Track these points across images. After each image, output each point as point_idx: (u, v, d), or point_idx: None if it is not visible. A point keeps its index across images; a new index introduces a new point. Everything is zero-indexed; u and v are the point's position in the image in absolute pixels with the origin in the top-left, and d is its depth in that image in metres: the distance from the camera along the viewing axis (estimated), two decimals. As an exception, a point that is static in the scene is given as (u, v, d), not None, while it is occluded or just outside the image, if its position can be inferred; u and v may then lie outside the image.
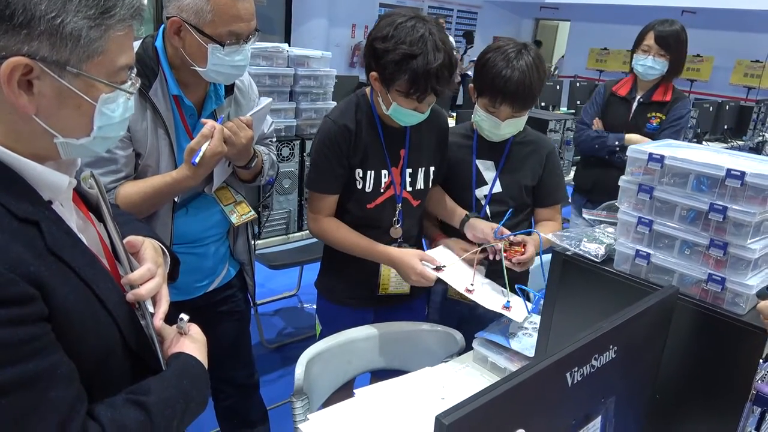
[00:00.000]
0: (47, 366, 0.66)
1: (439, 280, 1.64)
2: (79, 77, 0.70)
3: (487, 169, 1.69)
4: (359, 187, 1.54)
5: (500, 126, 1.57)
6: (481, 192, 1.69)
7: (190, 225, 1.50)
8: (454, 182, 1.71)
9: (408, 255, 1.52)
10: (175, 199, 1.43)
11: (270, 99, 1.52)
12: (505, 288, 1.52)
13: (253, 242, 1.74)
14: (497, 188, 1.69)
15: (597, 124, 2.71)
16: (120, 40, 0.72)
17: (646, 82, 2.65)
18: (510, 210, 1.61)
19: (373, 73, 1.42)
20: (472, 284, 1.52)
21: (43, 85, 0.68)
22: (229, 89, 1.50)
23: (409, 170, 1.58)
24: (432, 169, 1.63)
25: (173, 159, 1.39)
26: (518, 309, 1.49)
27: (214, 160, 1.32)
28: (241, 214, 1.54)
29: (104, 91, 0.73)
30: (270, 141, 1.71)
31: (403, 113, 1.45)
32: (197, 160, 1.28)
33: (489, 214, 1.68)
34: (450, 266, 1.54)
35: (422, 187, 1.63)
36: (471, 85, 1.64)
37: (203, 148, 1.29)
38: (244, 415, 1.84)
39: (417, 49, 1.33)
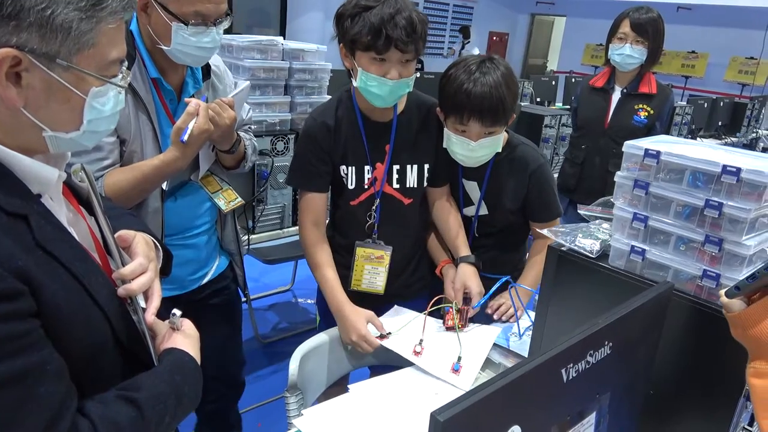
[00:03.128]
0: (36, 362, 0.65)
1: (434, 277, 1.62)
2: (69, 70, 0.69)
3: (472, 190, 1.64)
4: (345, 183, 1.53)
5: (473, 148, 1.46)
6: (469, 211, 1.65)
7: (180, 214, 1.49)
8: None
9: (358, 314, 1.43)
10: (164, 188, 1.43)
11: (247, 82, 1.53)
12: (460, 346, 1.39)
13: (240, 232, 1.73)
14: (483, 210, 1.64)
15: None
16: (111, 33, 0.71)
17: (625, 74, 2.59)
18: (504, 278, 1.53)
19: (341, 46, 1.40)
20: (420, 346, 1.38)
21: (32, 78, 0.67)
22: (206, 74, 1.50)
23: (396, 166, 1.54)
24: (426, 167, 1.57)
25: (157, 144, 1.39)
26: (467, 374, 1.32)
27: (202, 138, 1.32)
28: (228, 200, 1.54)
29: (94, 84, 0.72)
30: (248, 128, 1.70)
31: (372, 84, 1.36)
32: (185, 137, 1.28)
33: (477, 235, 1.66)
34: (397, 332, 1.43)
35: (414, 186, 1.57)
36: (438, 108, 1.54)
37: (190, 125, 1.29)
38: (224, 417, 1.84)
39: (373, 2, 1.32)
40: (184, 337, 0.88)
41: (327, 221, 1.62)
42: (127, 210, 1.19)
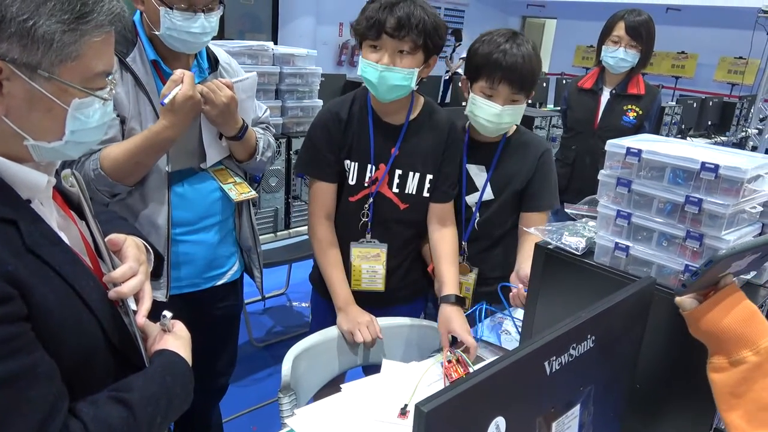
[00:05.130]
0: (27, 365, 0.66)
1: (430, 285, 1.63)
2: (51, 81, 0.69)
3: (477, 174, 1.63)
4: (347, 177, 1.55)
5: (499, 113, 1.48)
6: (471, 199, 1.63)
7: (187, 200, 1.51)
8: None
9: (362, 312, 1.50)
10: (167, 169, 1.45)
11: (254, 73, 1.56)
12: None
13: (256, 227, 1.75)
14: (488, 195, 1.62)
15: None
16: (97, 46, 0.72)
17: (614, 75, 2.62)
18: (478, 306, 1.50)
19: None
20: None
21: (14, 87, 0.68)
22: (214, 66, 1.54)
23: (398, 171, 1.55)
24: (428, 177, 1.56)
25: None
26: None
27: (187, 105, 1.35)
28: (240, 192, 1.56)
29: (78, 96, 0.72)
30: (267, 126, 1.73)
31: (366, 70, 1.41)
32: (166, 101, 1.32)
33: (476, 226, 1.63)
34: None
35: (413, 192, 1.56)
36: (463, 76, 1.58)
37: (173, 91, 1.32)
38: (206, 417, 1.85)
39: None
40: (175, 339, 0.89)
41: None
42: (118, 214, 1.21)
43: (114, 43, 0.77)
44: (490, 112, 1.49)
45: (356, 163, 1.54)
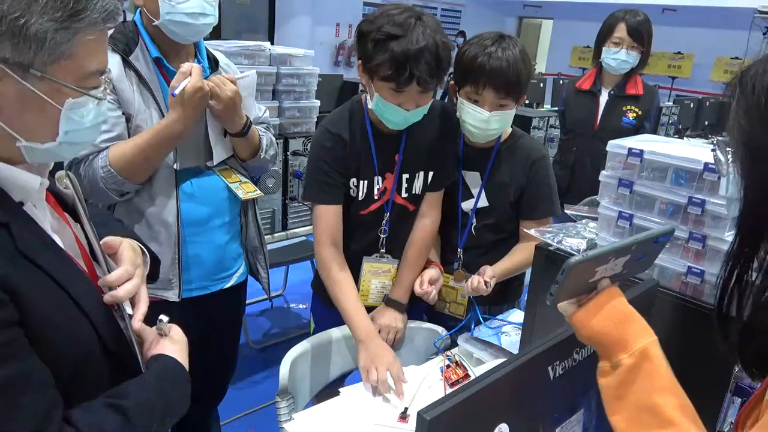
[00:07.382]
0: (19, 372, 0.64)
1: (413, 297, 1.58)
2: (44, 80, 0.68)
3: (473, 181, 1.60)
4: (353, 195, 1.50)
5: (486, 119, 1.43)
6: (467, 205, 1.60)
7: (195, 201, 1.51)
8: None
9: (385, 348, 1.39)
10: (176, 167, 1.45)
11: (253, 71, 1.57)
12: None
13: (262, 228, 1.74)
14: (483, 202, 1.58)
15: None
16: (90, 44, 0.70)
17: (614, 76, 2.61)
18: (462, 323, 1.51)
19: (359, 62, 1.37)
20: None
21: (5, 87, 0.66)
22: (214, 67, 1.54)
23: (406, 175, 1.51)
24: (431, 174, 1.53)
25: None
26: None
27: (196, 97, 1.35)
28: (247, 191, 1.57)
29: (71, 95, 0.71)
30: (267, 126, 1.72)
31: (387, 109, 1.35)
32: (177, 91, 1.32)
33: (474, 232, 1.60)
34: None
35: (419, 192, 1.54)
36: (452, 82, 1.54)
37: (183, 83, 1.33)
38: (204, 419, 1.84)
39: (400, 30, 1.27)
40: (172, 343, 0.87)
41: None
42: (113, 216, 1.19)
43: (108, 42, 0.75)
44: (477, 118, 1.45)
45: (365, 181, 1.49)
